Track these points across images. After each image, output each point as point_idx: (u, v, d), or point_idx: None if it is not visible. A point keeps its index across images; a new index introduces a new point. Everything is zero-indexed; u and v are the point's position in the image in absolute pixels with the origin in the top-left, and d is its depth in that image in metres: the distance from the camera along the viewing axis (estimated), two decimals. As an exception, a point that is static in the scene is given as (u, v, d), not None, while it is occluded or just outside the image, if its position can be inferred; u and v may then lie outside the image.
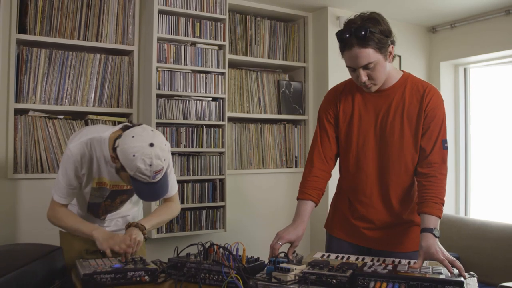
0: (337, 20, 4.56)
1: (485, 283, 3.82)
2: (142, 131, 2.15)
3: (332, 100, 2.45)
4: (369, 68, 2.16)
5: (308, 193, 2.39)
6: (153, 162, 2.07)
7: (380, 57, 2.15)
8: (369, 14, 2.17)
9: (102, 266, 2.04)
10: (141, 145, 2.07)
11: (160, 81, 3.77)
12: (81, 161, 2.30)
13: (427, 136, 2.24)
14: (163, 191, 2.24)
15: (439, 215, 2.14)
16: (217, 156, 4.04)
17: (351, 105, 2.38)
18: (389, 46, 2.17)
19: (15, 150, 3.45)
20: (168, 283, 2.02)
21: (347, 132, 2.38)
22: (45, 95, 3.55)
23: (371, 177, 2.34)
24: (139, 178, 2.11)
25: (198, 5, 3.93)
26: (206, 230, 3.99)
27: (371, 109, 2.33)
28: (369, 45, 2.10)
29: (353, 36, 2.10)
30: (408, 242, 2.35)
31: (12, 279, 1.79)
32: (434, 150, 2.23)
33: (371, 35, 2.09)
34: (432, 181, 2.20)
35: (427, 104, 2.24)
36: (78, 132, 2.41)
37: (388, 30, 2.16)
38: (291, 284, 1.78)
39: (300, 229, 2.32)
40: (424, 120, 2.24)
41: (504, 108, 4.90)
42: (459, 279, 1.71)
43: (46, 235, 3.01)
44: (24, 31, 3.49)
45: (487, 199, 5.04)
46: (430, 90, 2.27)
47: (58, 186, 2.36)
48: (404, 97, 2.28)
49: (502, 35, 4.51)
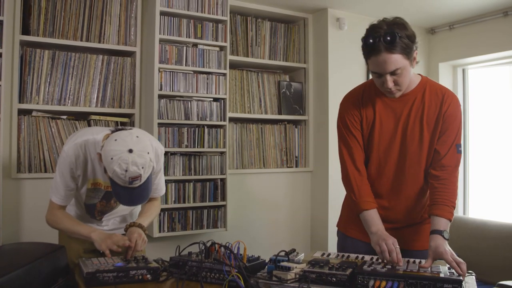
0: (337, 22, 4.56)
1: (483, 281, 3.81)
2: (127, 135, 2.13)
3: (355, 106, 2.39)
4: (396, 74, 2.13)
5: (371, 201, 2.31)
6: (129, 168, 2.04)
7: (407, 62, 2.12)
8: (394, 19, 2.13)
9: (105, 265, 2.05)
10: (120, 150, 2.06)
11: (162, 81, 3.77)
12: (76, 163, 2.30)
13: (443, 139, 2.24)
14: (141, 198, 2.21)
15: (450, 217, 2.14)
16: (218, 156, 4.05)
17: (372, 111, 2.34)
18: (414, 51, 2.15)
19: (19, 150, 3.45)
20: (170, 281, 2.02)
21: (369, 137, 2.36)
22: (48, 96, 3.55)
23: (390, 180, 2.34)
24: (117, 181, 2.10)
25: (200, 7, 3.93)
26: (208, 229, 3.99)
27: (391, 114, 2.31)
28: (397, 50, 2.07)
29: (381, 41, 2.06)
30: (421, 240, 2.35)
31: (16, 277, 1.80)
32: (449, 153, 2.23)
33: (399, 40, 2.05)
34: (445, 184, 2.20)
35: (446, 110, 2.24)
36: (73, 135, 2.42)
37: (413, 34, 2.13)
38: (291, 282, 1.78)
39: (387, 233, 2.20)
40: (442, 125, 2.24)
41: (502, 109, 4.90)
42: (458, 277, 1.71)
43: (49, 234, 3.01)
44: (28, 33, 3.49)
45: (485, 198, 5.04)
46: (449, 96, 2.27)
47: (55, 188, 2.36)
48: (423, 102, 2.27)
49: (500, 37, 4.51)
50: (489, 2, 4.33)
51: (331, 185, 4.50)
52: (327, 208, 4.52)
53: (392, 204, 2.35)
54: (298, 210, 4.71)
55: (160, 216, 3.76)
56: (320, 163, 4.64)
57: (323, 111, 4.59)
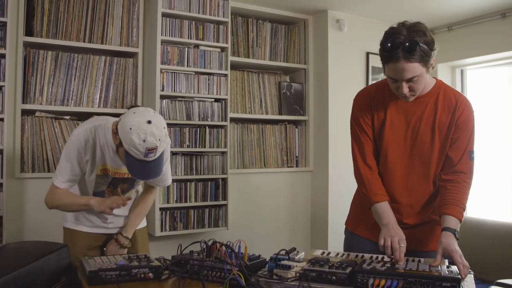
0: (336, 23, 4.56)
1: (482, 280, 3.81)
2: (144, 110, 2.19)
3: (367, 104, 2.37)
4: (413, 81, 2.09)
5: (382, 194, 2.30)
6: (147, 139, 2.08)
7: (424, 70, 2.08)
8: (414, 24, 2.07)
9: (107, 263, 2.05)
10: (139, 121, 2.10)
11: (163, 82, 3.77)
12: (85, 147, 2.32)
13: (456, 146, 2.23)
14: (154, 172, 2.23)
15: (461, 218, 2.11)
16: (219, 155, 4.05)
17: (383, 111, 2.32)
18: (432, 58, 2.10)
19: (22, 150, 3.45)
20: (172, 280, 2.02)
21: (378, 137, 2.35)
22: (51, 96, 3.55)
23: (398, 181, 2.32)
24: (132, 153, 2.12)
25: (201, 8, 3.93)
26: (209, 228, 3.99)
27: (403, 116, 2.29)
28: (415, 59, 2.02)
29: (400, 49, 2.01)
30: (429, 241, 2.34)
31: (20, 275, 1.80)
32: (462, 160, 2.22)
33: (419, 49, 2.00)
34: (457, 187, 2.19)
35: (459, 116, 2.22)
36: (84, 122, 2.44)
37: (433, 41, 2.07)
38: (292, 281, 1.78)
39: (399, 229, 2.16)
40: (455, 131, 2.22)
41: (500, 109, 4.90)
42: (456, 276, 1.71)
43: (52, 233, 3.02)
44: (31, 34, 3.49)
45: (483, 198, 5.03)
46: (462, 102, 2.25)
47: (59, 172, 2.36)
48: (436, 106, 2.24)
49: (498, 38, 4.51)
50: (487, 4, 4.33)
51: (331, 185, 4.50)
52: (327, 207, 4.52)
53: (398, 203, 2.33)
54: (298, 209, 4.71)
55: (162, 215, 3.76)
56: (320, 163, 4.64)
57: (323, 112, 4.58)
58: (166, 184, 2.67)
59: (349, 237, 2.57)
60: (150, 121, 2.11)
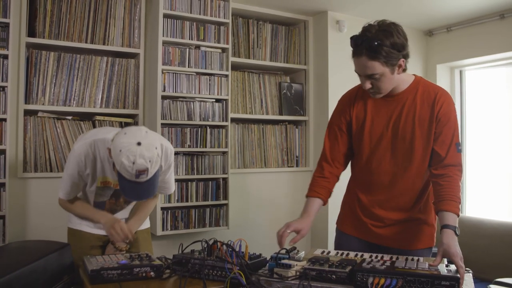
0: (336, 24, 4.56)
1: (480, 278, 3.81)
2: (136, 130, 2.14)
3: (346, 106, 2.42)
4: (374, 78, 2.14)
5: (316, 191, 2.42)
6: (137, 161, 2.04)
7: (387, 70, 2.11)
8: (387, 25, 2.12)
9: (109, 262, 2.05)
10: (129, 142, 2.06)
11: (165, 83, 3.77)
12: (85, 161, 2.31)
13: (441, 140, 2.22)
14: (147, 193, 2.20)
15: (458, 212, 2.11)
16: (220, 155, 4.05)
17: (363, 110, 2.36)
18: (400, 60, 2.13)
19: (25, 150, 3.46)
20: (173, 278, 2.02)
21: (359, 136, 2.37)
22: (53, 97, 3.55)
23: (382, 179, 2.34)
24: (124, 175, 2.10)
25: (202, 10, 3.93)
26: (210, 228, 3.99)
27: (383, 113, 2.31)
28: (377, 58, 2.07)
29: (364, 46, 2.08)
30: (416, 240, 2.34)
31: (22, 274, 1.80)
32: (449, 154, 2.20)
33: (380, 49, 2.05)
34: (449, 181, 2.17)
35: (439, 109, 2.21)
36: (84, 134, 2.44)
37: (401, 44, 2.10)
38: (292, 279, 1.78)
39: (307, 221, 2.32)
40: (437, 125, 2.22)
41: (498, 109, 4.90)
42: (455, 275, 1.71)
43: (55, 232, 3.02)
44: (34, 35, 3.49)
45: (482, 197, 5.03)
46: (442, 95, 2.24)
47: (63, 185, 2.40)
48: (415, 102, 2.25)
49: (497, 39, 4.51)
50: (486, 5, 4.33)
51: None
52: (327, 207, 4.49)
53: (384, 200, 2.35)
54: (299, 209, 4.64)
55: (163, 214, 3.76)
56: (320, 163, 4.63)
57: (323, 112, 4.58)
58: (169, 192, 2.67)
59: (339, 236, 2.59)
60: (140, 143, 2.06)
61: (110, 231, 2.36)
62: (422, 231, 2.34)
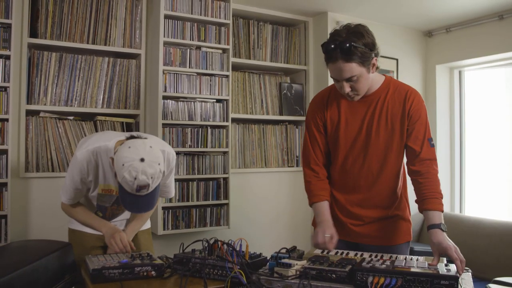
0: (336, 25, 4.54)
1: (479, 278, 3.81)
2: (141, 144, 2.11)
3: (319, 107, 2.45)
4: (353, 81, 2.16)
5: (322, 194, 2.40)
6: (138, 177, 2.02)
7: (363, 70, 2.14)
8: (354, 27, 2.15)
9: (111, 262, 2.05)
10: (132, 158, 2.04)
11: (166, 83, 3.77)
12: (87, 168, 2.29)
13: (414, 136, 2.26)
14: (146, 206, 2.19)
15: (441, 209, 2.15)
16: (221, 155, 4.04)
17: (337, 112, 2.38)
18: (373, 58, 2.16)
19: (27, 150, 3.46)
20: (174, 278, 2.02)
21: (334, 137, 2.40)
22: (55, 97, 3.55)
23: (358, 178, 2.37)
24: (125, 187, 2.09)
25: (203, 10, 3.93)
26: (211, 227, 3.99)
27: (356, 114, 2.34)
28: (352, 59, 2.09)
29: (338, 50, 2.09)
30: (394, 235, 2.39)
31: (24, 273, 1.80)
32: (424, 148, 2.25)
33: (355, 50, 2.08)
34: (428, 177, 2.22)
35: (410, 106, 2.26)
36: (86, 139, 2.42)
37: (372, 43, 2.14)
38: (292, 279, 1.78)
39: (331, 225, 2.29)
40: (409, 122, 2.26)
41: (497, 109, 4.90)
42: (455, 274, 1.71)
43: (56, 231, 3.02)
44: (35, 35, 3.49)
45: (481, 197, 5.03)
46: (411, 93, 2.29)
47: (65, 189, 2.39)
48: (387, 101, 2.29)
49: (496, 39, 4.51)
50: (485, 6, 4.33)
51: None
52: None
53: (362, 199, 2.38)
54: (299, 208, 4.70)
55: (164, 214, 3.76)
56: (320, 163, 4.63)
57: (323, 112, 4.58)
58: (169, 196, 2.65)
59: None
60: (143, 159, 2.04)
61: (110, 241, 2.36)
62: (399, 226, 2.39)
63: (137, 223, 2.57)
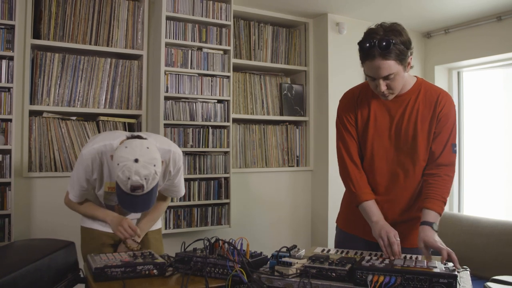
0: (336, 26, 4.56)
1: (478, 276, 3.81)
2: (138, 145, 2.11)
3: (351, 105, 2.40)
4: (389, 79, 2.12)
5: (369, 192, 2.32)
6: (132, 177, 2.03)
7: (400, 68, 2.11)
8: (391, 25, 2.12)
9: (113, 260, 2.05)
10: (127, 158, 2.04)
11: (168, 84, 3.78)
12: (92, 167, 2.29)
13: (438, 139, 2.24)
14: (142, 206, 2.19)
15: (440, 211, 2.13)
16: (222, 155, 4.04)
17: (367, 110, 2.34)
18: (409, 57, 2.14)
19: (30, 150, 3.46)
20: (176, 276, 2.02)
21: (363, 135, 2.36)
22: (58, 97, 3.55)
23: (385, 178, 2.34)
24: (120, 186, 2.10)
25: (204, 12, 3.93)
26: (212, 226, 3.99)
27: (386, 114, 2.31)
28: (391, 57, 2.06)
29: (376, 47, 2.05)
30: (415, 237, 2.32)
31: (27, 272, 1.80)
32: (444, 153, 2.22)
33: (393, 47, 2.05)
34: (438, 180, 2.20)
35: (440, 110, 2.23)
36: (93, 138, 2.42)
37: (409, 41, 2.12)
38: (292, 277, 1.78)
39: (387, 224, 2.22)
40: (436, 125, 2.23)
41: (495, 110, 4.90)
42: (453, 272, 1.71)
43: (59, 230, 3.03)
44: (39, 37, 3.50)
45: (479, 196, 5.03)
46: (443, 96, 2.26)
47: (72, 186, 2.39)
48: (418, 103, 2.26)
49: (494, 40, 4.50)
50: (483, 7, 4.33)
51: (331, 183, 4.50)
52: (327, 206, 4.52)
53: (386, 200, 2.34)
54: (299, 208, 4.71)
55: (166, 213, 3.76)
56: (320, 162, 4.63)
57: (323, 112, 4.58)
58: (179, 195, 2.64)
59: (341, 235, 2.58)
60: (137, 160, 2.04)
61: (118, 228, 2.36)
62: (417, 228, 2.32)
63: (147, 223, 2.56)
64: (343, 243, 2.49)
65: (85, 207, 2.45)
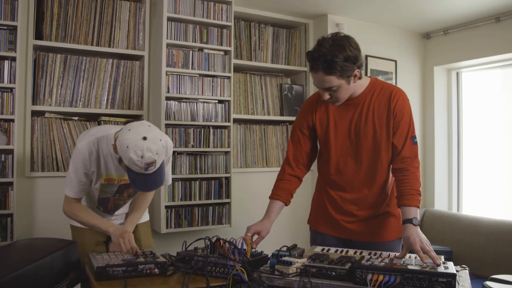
0: (336, 27, 4.56)
1: (476, 275, 3.81)
2: (139, 125, 2.16)
3: (308, 112, 2.49)
4: (332, 90, 2.21)
5: (277, 194, 2.47)
6: (144, 154, 2.07)
7: (343, 81, 2.18)
8: (339, 39, 2.17)
9: (115, 259, 2.05)
10: (135, 138, 2.09)
11: (169, 84, 3.77)
12: (89, 159, 2.32)
13: (398, 134, 2.29)
14: (156, 183, 2.23)
15: (417, 205, 2.18)
16: (223, 155, 4.04)
17: (326, 115, 2.43)
18: (354, 70, 2.19)
19: (32, 150, 3.46)
20: (177, 275, 2.02)
21: (325, 140, 2.44)
22: (60, 98, 3.55)
23: (351, 177, 2.40)
24: (133, 168, 2.12)
25: (205, 13, 3.93)
26: (213, 226, 3.99)
27: (345, 116, 2.38)
28: (332, 72, 2.13)
29: (320, 62, 2.12)
30: (386, 232, 2.41)
31: (30, 271, 1.80)
32: (405, 146, 2.28)
33: (335, 64, 2.11)
34: (406, 175, 2.25)
35: (395, 105, 2.29)
36: (86, 132, 2.44)
37: (354, 56, 2.16)
38: (293, 276, 1.78)
39: (266, 223, 2.37)
40: (394, 120, 2.29)
41: (494, 110, 4.90)
42: (452, 271, 1.71)
43: (61, 230, 3.01)
44: (41, 37, 3.49)
45: (478, 196, 5.03)
46: (396, 92, 2.33)
47: (69, 183, 2.39)
48: (373, 102, 2.33)
49: (492, 41, 4.50)
50: (482, 8, 4.33)
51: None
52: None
53: (355, 197, 2.41)
54: (299, 207, 4.69)
55: (167, 212, 3.76)
56: (320, 162, 4.63)
57: (323, 113, 4.58)
58: (167, 183, 2.68)
59: (313, 235, 2.67)
60: (146, 137, 2.09)
61: (119, 239, 2.34)
62: (391, 223, 2.42)
63: (136, 214, 2.59)
64: (315, 242, 2.57)
65: (86, 216, 2.44)
